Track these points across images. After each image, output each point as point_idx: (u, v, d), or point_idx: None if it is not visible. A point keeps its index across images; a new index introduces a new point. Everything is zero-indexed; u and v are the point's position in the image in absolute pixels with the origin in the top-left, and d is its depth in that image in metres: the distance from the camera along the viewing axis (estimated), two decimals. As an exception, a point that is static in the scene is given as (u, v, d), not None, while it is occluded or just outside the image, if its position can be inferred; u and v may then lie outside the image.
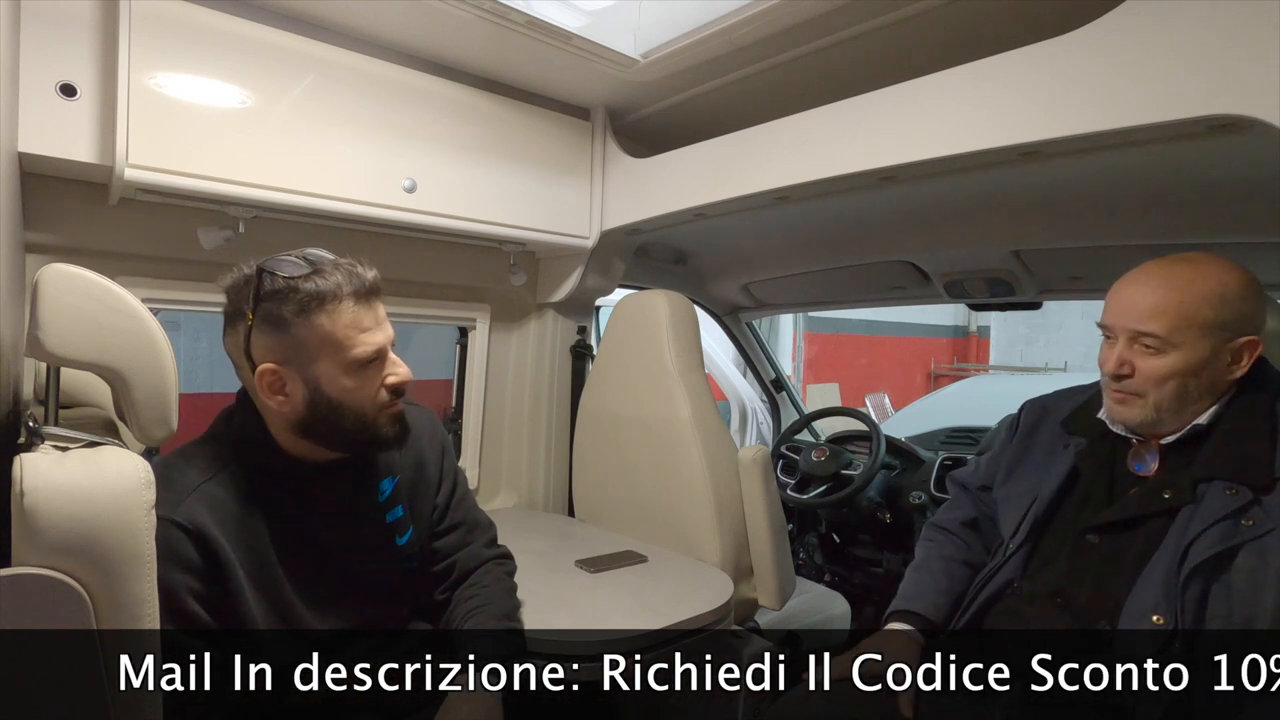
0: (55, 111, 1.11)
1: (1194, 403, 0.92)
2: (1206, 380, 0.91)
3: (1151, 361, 0.92)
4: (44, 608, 0.61)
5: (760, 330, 2.85)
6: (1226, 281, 0.91)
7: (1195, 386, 0.92)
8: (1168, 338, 0.91)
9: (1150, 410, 0.93)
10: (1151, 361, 0.92)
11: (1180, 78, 0.88)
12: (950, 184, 1.42)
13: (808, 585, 2.05)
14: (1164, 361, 0.91)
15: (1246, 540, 0.82)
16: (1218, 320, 0.90)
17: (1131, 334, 0.94)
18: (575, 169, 1.73)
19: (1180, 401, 0.92)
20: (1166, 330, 0.90)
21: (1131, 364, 0.94)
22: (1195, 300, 0.90)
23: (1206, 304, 0.90)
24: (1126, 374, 0.94)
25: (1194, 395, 0.92)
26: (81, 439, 0.71)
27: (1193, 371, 0.91)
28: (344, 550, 0.96)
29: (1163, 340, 0.91)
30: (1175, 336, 0.90)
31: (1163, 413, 0.93)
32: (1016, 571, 1.00)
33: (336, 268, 0.88)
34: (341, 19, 1.35)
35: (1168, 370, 0.91)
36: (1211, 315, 0.90)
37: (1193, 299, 0.90)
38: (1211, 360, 0.91)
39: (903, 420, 3.67)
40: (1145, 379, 0.93)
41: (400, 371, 0.93)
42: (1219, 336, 0.90)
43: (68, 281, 0.73)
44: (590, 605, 1.24)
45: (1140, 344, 0.93)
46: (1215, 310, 0.90)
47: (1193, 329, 0.90)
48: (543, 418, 2.01)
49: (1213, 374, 0.91)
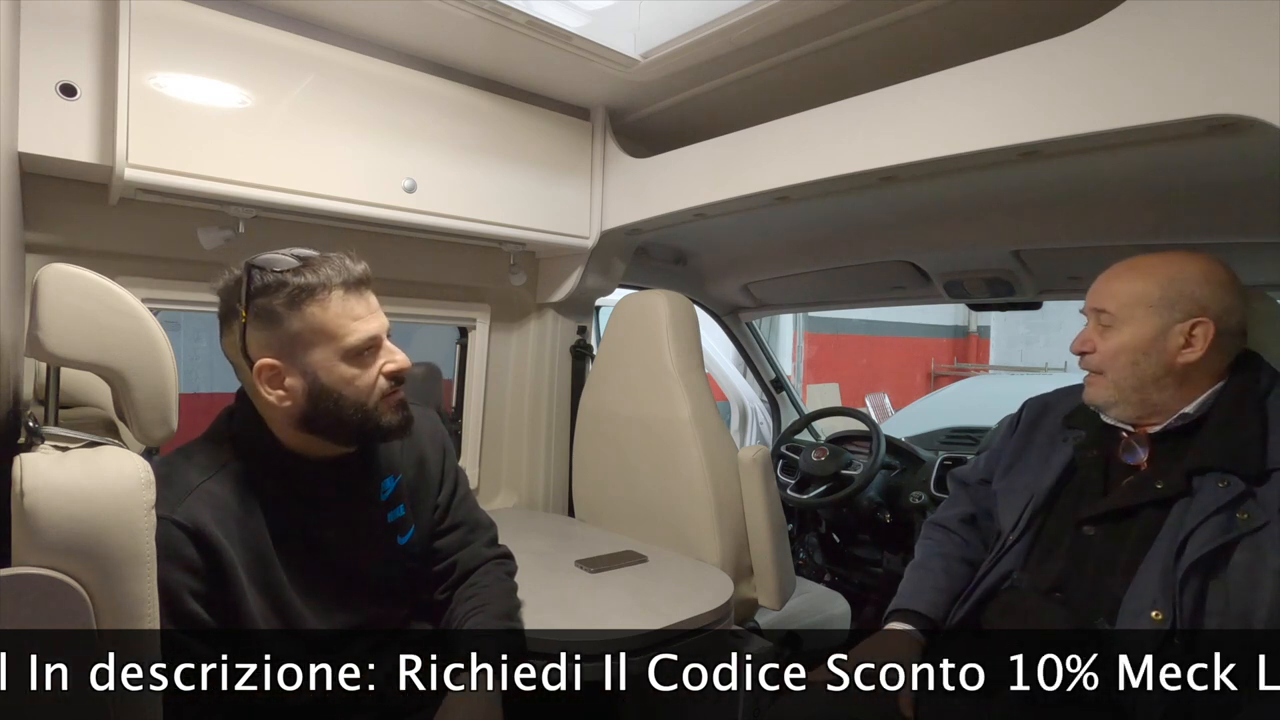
0: (55, 111, 1.11)
1: (1155, 387, 0.96)
2: (1158, 361, 0.95)
3: (1106, 338, 0.98)
4: (44, 608, 0.61)
5: (760, 330, 2.84)
6: (1185, 266, 0.96)
7: (1148, 365, 0.95)
8: (1116, 313, 0.97)
9: (1111, 389, 0.98)
10: (1106, 338, 0.98)
11: (1180, 78, 0.88)
12: (950, 184, 1.42)
13: (808, 585, 2.05)
14: (1116, 337, 0.97)
15: (1243, 535, 0.83)
16: (1164, 299, 0.94)
17: (1093, 313, 1.01)
18: (575, 169, 1.73)
19: (1137, 379, 0.96)
20: (1116, 306, 0.97)
21: (1092, 341, 1.00)
22: (1146, 280, 0.96)
23: (1156, 284, 0.95)
24: (1088, 350, 1.01)
25: (1150, 376, 0.95)
26: (81, 439, 0.71)
27: (1141, 349, 0.95)
28: (345, 549, 0.96)
29: (1112, 316, 0.98)
30: (1123, 313, 0.97)
31: (1124, 392, 0.97)
32: (1015, 564, 1.01)
33: (325, 261, 0.89)
34: (341, 19, 1.35)
35: (1117, 345, 0.97)
36: (1158, 294, 0.95)
37: (1144, 279, 0.97)
38: (1159, 338, 0.94)
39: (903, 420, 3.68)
40: (1101, 356, 0.99)
41: (398, 358, 0.94)
42: (1166, 315, 0.94)
43: (68, 281, 0.73)
44: (590, 605, 1.24)
45: (1099, 322, 1.00)
46: (1162, 289, 0.95)
47: (1139, 306, 0.96)
48: (543, 418, 2.01)
49: (1163, 354, 0.94)
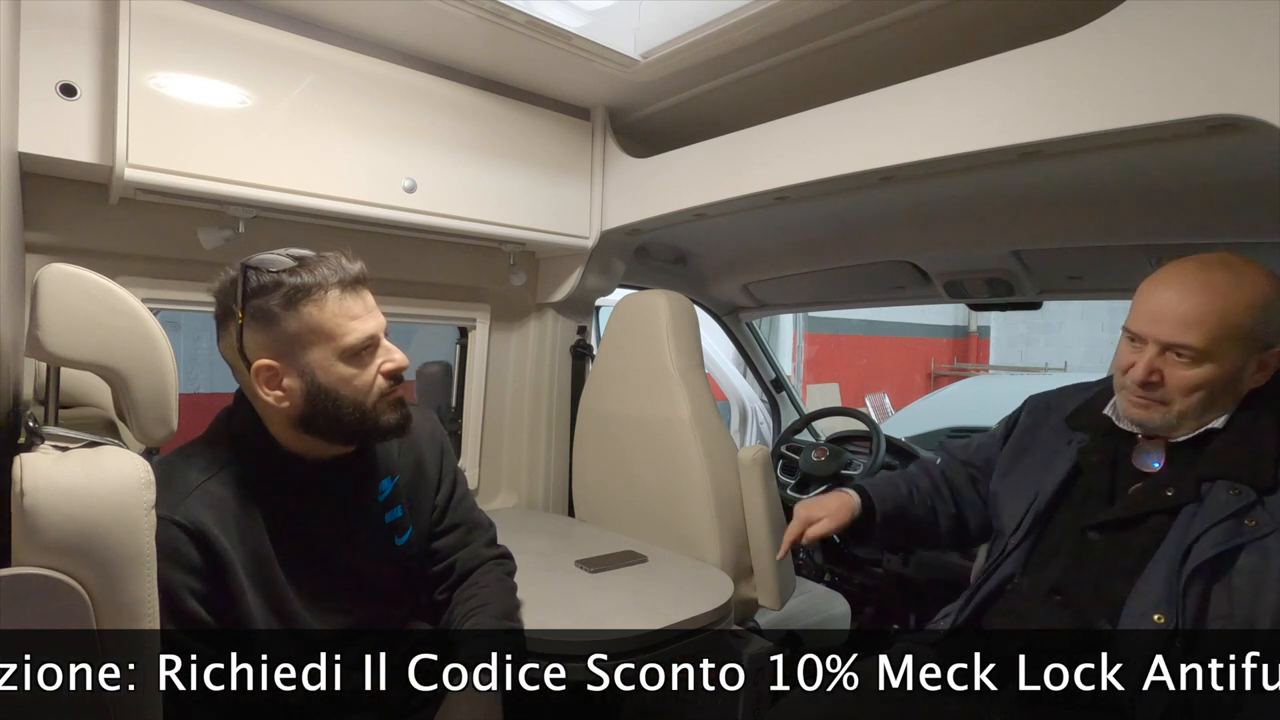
0: (55, 111, 1.11)
1: (1217, 409, 0.92)
2: (1233, 390, 0.90)
3: (1183, 373, 0.89)
4: (44, 608, 0.61)
5: (760, 330, 2.84)
6: (1266, 290, 0.87)
7: (1220, 394, 0.90)
8: (1205, 350, 0.87)
9: (1173, 417, 0.92)
10: (1183, 373, 0.89)
11: (1180, 78, 0.88)
12: (950, 184, 1.42)
13: (808, 585, 2.05)
14: (1196, 373, 0.88)
15: (1249, 541, 0.82)
16: (1254, 331, 0.87)
17: (1165, 344, 0.90)
18: (575, 169, 1.73)
19: (1202, 406, 0.91)
20: (1205, 343, 0.87)
21: (1161, 373, 0.90)
22: (1236, 310, 0.86)
23: (1247, 313, 0.86)
24: (1155, 382, 0.91)
25: (1219, 403, 0.91)
26: (81, 439, 0.71)
27: (1224, 381, 0.89)
28: (343, 550, 0.96)
29: (1199, 352, 0.87)
30: (1212, 348, 0.87)
31: (1185, 419, 0.92)
32: (1017, 567, 1.00)
33: (321, 260, 0.89)
34: (341, 19, 1.35)
35: (1199, 381, 0.88)
36: (1249, 325, 0.87)
37: (1233, 308, 0.86)
38: (1241, 370, 0.89)
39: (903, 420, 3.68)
40: (1174, 389, 0.90)
41: (396, 358, 0.94)
42: (1252, 347, 0.88)
43: (68, 281, 0.73)
44: (590, 605, 1.24)
45: (1173, 354, 0.89)
46: (1254, 320, 0.86)
47: (1229, 340, 0.87)
48: (543, 418, 2.01)
49: (1239, 383, 0.90)
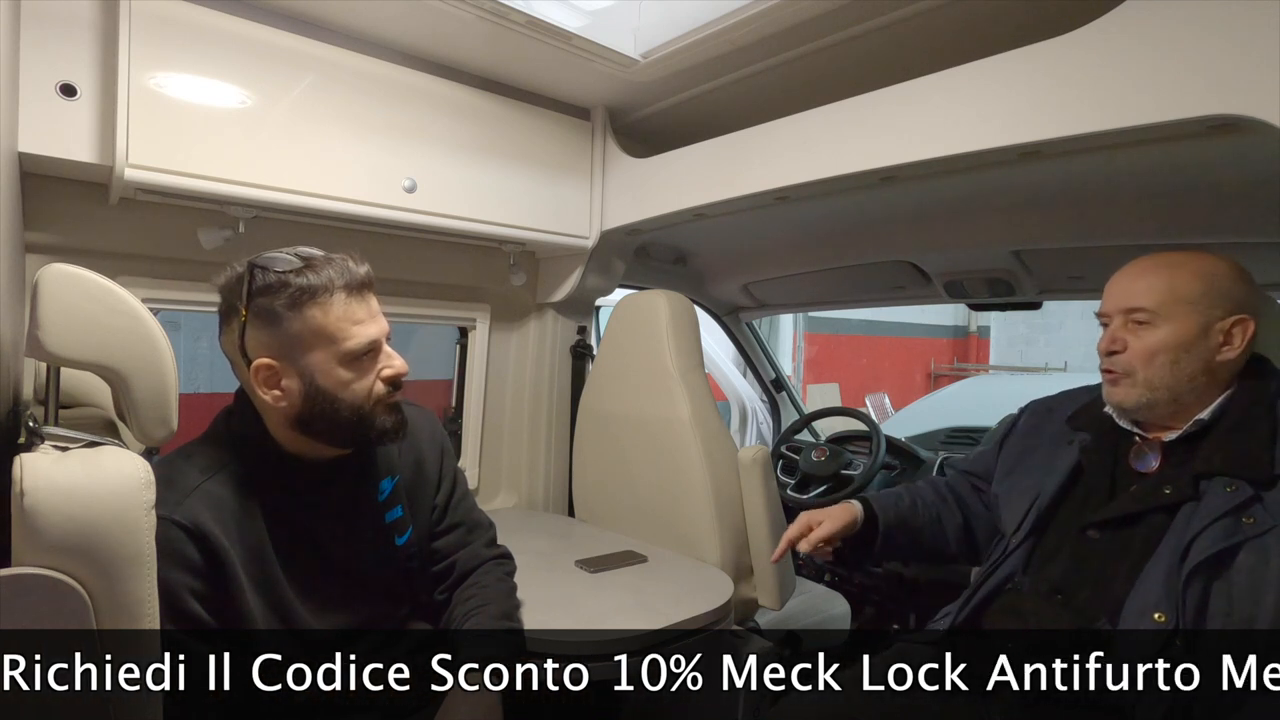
0: (55, 111, 1.11)
1: (1189, 386, 0.93)
2: (1199, 359, 0.92)
3: (1143, 337, 0.95)
4: (44, 608, 0.61)
5: (760, 330, 2.84)
6: (1213, 263, 0.94)
7: (1187, 364, 0.92)
8: (1156, 310, 0.93)
9: (1143, 390, 0.95)
10: (1143, 337, 0.95)
11: (1180, 78, 0.88)
12: (950, 184, 1.42)
13: (808, 585, 2.05)
14: (1154, 335, 0.94)
15: (1248, 538, 0.82)
16: (1205, 295, 0.92)
17: (1124, 313, 0.97)
18: (575, 169, 1.73)
19: (1174, 379, 0.93)
20: (1155, 303, 0.93)
21: (1124, 340, 0.96)
22: (1183, 276, 0.93)
23: (1194, 279, 0.93)
24: (1118, 349, 0.97)
25: (1186, 374, 0.93)
26: (81, 439, 0.71)
27: (1183, 346, 0.92)
28: (343, 550, 0.96)
29: (1151, 313, 0.94)
30: (1164, 309, 0.93)
31: (1156, 393, 0.94)
32: (1017, 567, 1.01)
33: (328, 262, 0.89)
34: (341, 19, 1.35)
35: (1158, 343, 0.93)
36: (1199, 289, 0.92)
37: (1180, 275, 0.93)
38: (1201, 337, 0.92)
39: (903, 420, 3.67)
40: (1135, 354, 0.95)
41: (396, 364, 0.94)
42: (1208, 313, 0.92)
43: (68, 281, 0.73)
44: (590, 605, 1.24)
45: (1132, 320, 0.96)
46: (1203, 285, 0.92)
47: (1180, 303, 0.92)
48: (543, 418, 2.01)
49: (1205, 353, 0.92)
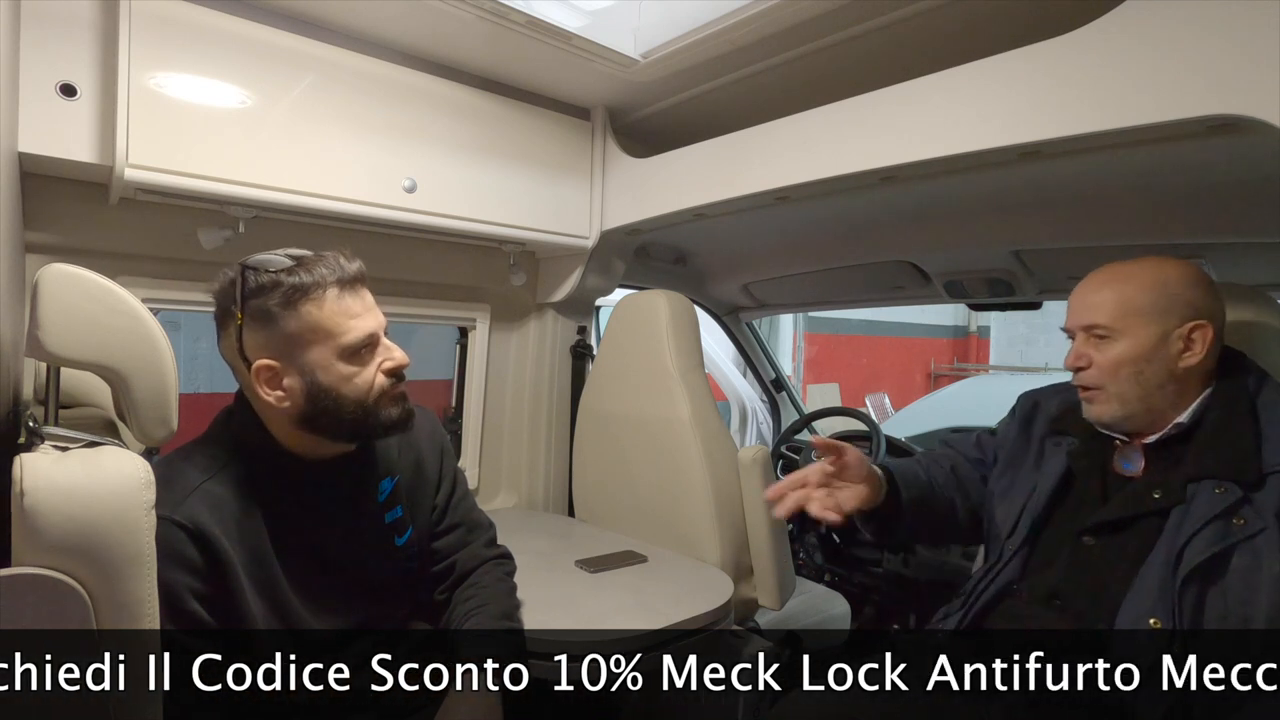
0: (55, 111, 1.11)
1: (1160, 394, 0.94)
2: (1162, 368, 0.93)
3: (1104, 351, 0.96)
4: (44, 608, 0.61)
5: (760, 330, 2.85)
6: (1165, 270, 0.95)
7: (1152, 374, 0.93)
8: (1111, 325, 0.95)
9: (1115, 404, 0.96)
10: (1104, 351, 0.96)
11: (1180, 78, 0.88)
12: (950, 184, 1.42)
13: (808, 585, 2.05)
14: (1114, 349, 0.95)
15: (1239, 541, 0.82)
16: (1157, 306, 0.93)
17: (1083, 329, 0.98)
18: (575, 169, 1.73)
19: (1142, 389, 0.94)
20: (1109, 318, 0.95)
21: (1087, 355, 0.98)
22: (1133, 288, 0.95)
23: (1144, 291, 0.94)
24: (1083, 366, 0.98)
25: (1154, 384, 0.94)
26: (81, 439, 0.71)
27: (1144, 358, 0.93)
28: (343, 550, 0.96)
29: (1108, 328, 0.95)
30: (1118, 324, 0.95)
31: (1129, 405, 0.95)
32: (1016, 574, 1.00)
33: (320, 260, 0.89)
34: (341, 19, 1.35)
35: (1117, 357, 0.95)
36: (1150, 300, 0.94)
37: (1130, 287, 0.95)
38: (1160, 346, 0.93)
39: (903, 420, 3.68)
40: (1100, 370, 0.96)
41: (396, 356, 0.94)
42: (1163, 322, 0.93)
43: (68, 281, 0.73)
44: (590, 605, 1.24)
45: (1093, 336, 0.97)
46: (1154, 295, 0.93)
47: (1133, 315, 0.94)
48: (543, 418, 2.01)
49: (1167, 361, 0.93)
